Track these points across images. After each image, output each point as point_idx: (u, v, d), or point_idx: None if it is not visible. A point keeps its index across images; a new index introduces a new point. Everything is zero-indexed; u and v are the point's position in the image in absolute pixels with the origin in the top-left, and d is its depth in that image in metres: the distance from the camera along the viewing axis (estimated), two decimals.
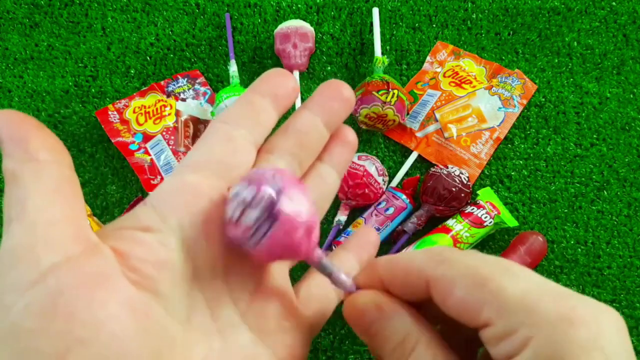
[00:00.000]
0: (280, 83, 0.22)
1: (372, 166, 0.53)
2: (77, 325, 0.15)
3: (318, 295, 0.23)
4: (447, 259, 0.17)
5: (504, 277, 0.16)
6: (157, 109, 0.57)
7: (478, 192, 0.54)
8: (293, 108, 0.57)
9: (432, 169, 0.54)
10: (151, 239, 0.18)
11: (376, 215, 0.53)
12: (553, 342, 0.14)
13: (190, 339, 0.18)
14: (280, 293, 0.21)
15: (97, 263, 0.16)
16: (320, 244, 0.53)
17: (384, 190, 0.54)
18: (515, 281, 0.16)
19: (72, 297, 0.15)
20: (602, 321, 0.15)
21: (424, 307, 0.20)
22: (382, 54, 0.59)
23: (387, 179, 0.55)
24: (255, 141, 0.21)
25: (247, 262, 0.21)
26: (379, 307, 0.18)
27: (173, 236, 0.18)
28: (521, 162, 0.57)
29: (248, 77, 0.60)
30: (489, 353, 0.16)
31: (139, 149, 0.55)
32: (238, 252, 0.20)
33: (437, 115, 0.58)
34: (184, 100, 0.58)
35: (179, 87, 0.59)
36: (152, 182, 0.54)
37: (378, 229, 0.52)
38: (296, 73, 0.59)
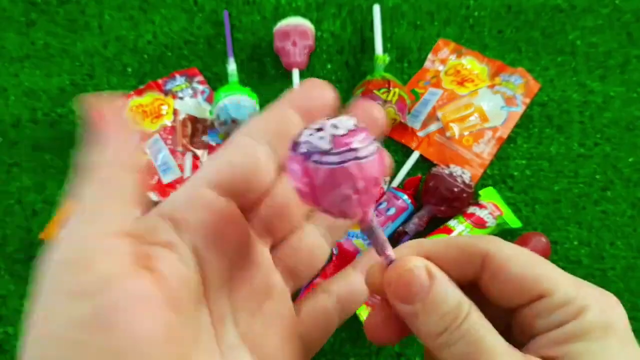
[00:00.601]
0: (316, 96, 0.21)
1: None
2: (116, 342, 0.15)
3: (319, 314, 0.23)
4: (499, 240, 0.18)
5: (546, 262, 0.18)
6: (154, 108, 0.56)
7: (480, 192, 0.53)
8: None
9: (434, 169, 0.53)
10: (173, 257, 0.18)
11: (377, 215, 0.52)
12: (604, 310, 0.17)
13: None
14: (281, 314, 0.21)
15: (142, 282, 0.16)
16: None
17: (385, 190, 0.53)
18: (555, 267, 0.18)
19: (115, 313, 0.15)
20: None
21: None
22: (383, 52, 0.58)
23: (388, 178, 0.54)
24: (278, 159, 0.20)
25: (251, 281, 0.20)
26: (431, 273, 0.18)
27: (189, 254, 0.18)
28: (524, 161, 0.56)
29: (247, 75, 0.60)
30: (533, 326, 0.17)
31: None
32: (244, 272, 0.20)
33: (439, 114, 0.57)
34: (181, 98, 0.57)
35: (176, 85, 0.58)
36: (149, 182, 0.53)
37: None
38: (295, 71, 0.58)
